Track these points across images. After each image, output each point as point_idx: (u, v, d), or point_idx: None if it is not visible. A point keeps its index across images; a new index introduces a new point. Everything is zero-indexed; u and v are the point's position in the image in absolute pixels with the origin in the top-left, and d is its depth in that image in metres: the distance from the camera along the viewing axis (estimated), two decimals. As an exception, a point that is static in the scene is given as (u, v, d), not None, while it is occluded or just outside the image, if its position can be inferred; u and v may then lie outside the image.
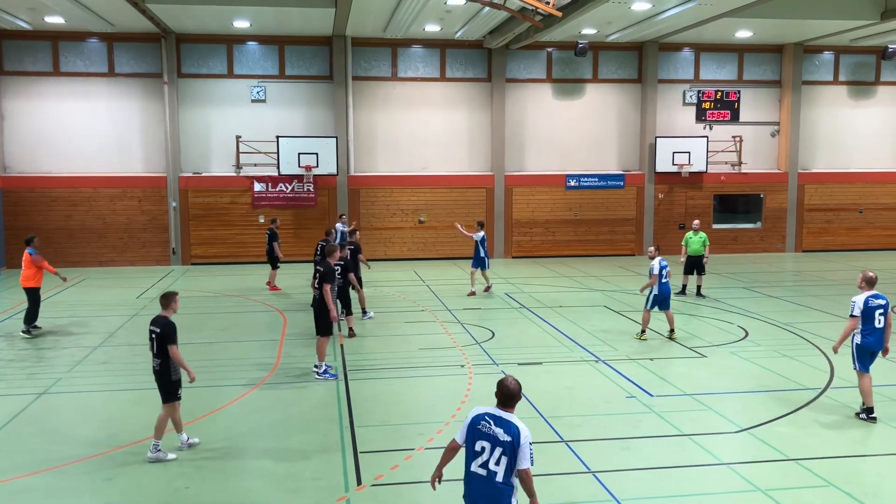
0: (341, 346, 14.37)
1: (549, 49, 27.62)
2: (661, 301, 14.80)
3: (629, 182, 28.31)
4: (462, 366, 13.00)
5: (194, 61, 26.03)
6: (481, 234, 19.90)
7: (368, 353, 13.91)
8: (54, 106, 25.43)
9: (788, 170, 28.99)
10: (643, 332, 14.86)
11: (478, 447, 5.84)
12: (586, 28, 24.78)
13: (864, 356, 10.09)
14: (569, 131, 28.12)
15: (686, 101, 28.61)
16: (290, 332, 15.77)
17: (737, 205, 29.37)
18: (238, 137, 26.08)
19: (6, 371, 12.96)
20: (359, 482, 8.28)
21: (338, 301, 14.16)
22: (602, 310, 17.93)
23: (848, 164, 29.67)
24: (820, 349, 13.93)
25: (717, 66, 28.72)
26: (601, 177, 28.09)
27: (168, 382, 9.06)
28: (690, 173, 28.04)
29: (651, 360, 13.30)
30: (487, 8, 20.56)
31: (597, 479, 8.34)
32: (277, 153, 25.57)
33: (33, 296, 15.54)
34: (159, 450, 8.91)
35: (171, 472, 8.61)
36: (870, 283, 10.18)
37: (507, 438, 5.74)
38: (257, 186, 26.24)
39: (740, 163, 28.83)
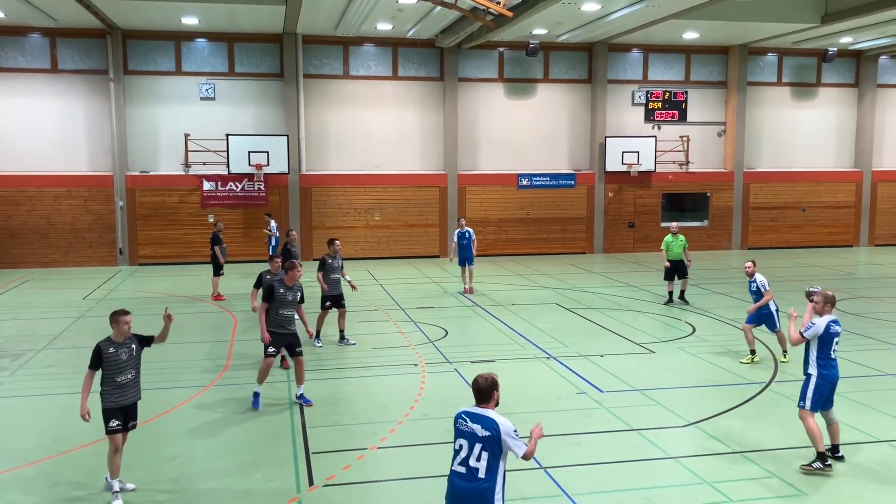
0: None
1: (501, 49, 27.77)
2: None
3: (580, 181, 28.62)
4: (415, 364, 13.01)
5: (141, 58, 25.54)
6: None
7: (321, 354, 13.82)
8: (-6, 103, 24.74)
9: (734, 169, 29.62)
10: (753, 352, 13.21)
11: (457, 445, 5.80)
12: (537, 28, 24.99)
13: (823, 392, 8.57)
14: (521, 131, 28.31)
15: (635, 102, 29.03)
16: (240, 332, 15.59)
17: (684, 203, 29.90)
18: (187, 136, 25.68)
19: (-56, 376, 12.56)
20: (311, 483, 8.23)
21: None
22: (554, 307, 18.10)
23: (791, 163, 30.44)
24: (765, 344, 14.25)
25: (665, 67, 29.19)
26: (552, 176, 28.34)
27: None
28: (639, 172, 28.46)
29: (601, 356, 13.47)
30: (439, 7, 20.59)
31: (548, 474, 8.42)
32: (227, 152, 25.25)
33: None
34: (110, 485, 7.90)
35: (119, 476, 8.43)
36: (833, 304, 8.68)
37: (486, 433, 5.66)
38: (206, 185, 25.87)
39: (688, 162, 29.36)
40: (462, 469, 5.69)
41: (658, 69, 29.17)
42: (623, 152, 28.11)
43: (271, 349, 10.74)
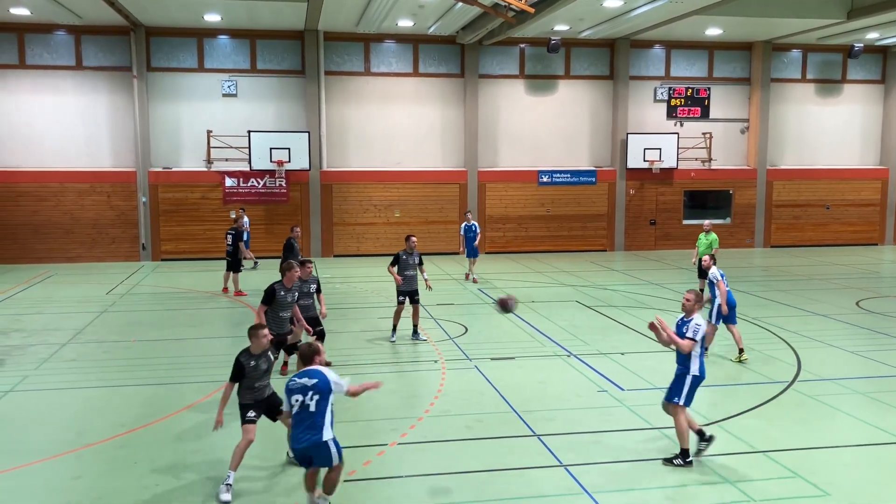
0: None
1: (522, 45, 27.69)
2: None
3: (601, 178, 28.48)
4: (435, 361, 13.02)
5: (164, 55, 25.73)
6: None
7: (341, 349, 13.86)
8: (20, 99, 25.01)
9: (757, 166, 29.35)
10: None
11: (293, 401, 7.16)
12: (559, 24, 24.88)
13: (697, 387, 8.82)
14: (541, 127, 28.23)
15: (657, 98, 28.84)
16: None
17: (707, 201, 29.68)
18: (209, 132, 25.84)
19: (-29, 369, 12.74)
20: (331, 478, 8.25)
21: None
22: (574, 305, 18.04)
23: (815, 160, 30.11)
24: (788, 343, 14.13)
25: (687, 64, 28.98)
26: (573, 173, 28.23)
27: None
28: (661, 169, 28.28)
29: (622, 354, 13.41)
30: (461, 4, 20.56)
31: (568, 472, 8.39)
32: (249, 148, 25.38)
33: None
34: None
35: (140, 470, 8.52)
36: (703, 303, 9.11)
37: (314, 380, 7.16)
38: (228, 181, 26.03)
39: (710, 159, 29.13)
40: (301, 410, 7.16)
41: (681, 65, 28.96)
42: (645, 149, 27.94)
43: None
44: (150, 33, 25.42)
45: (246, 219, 23.68)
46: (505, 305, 11.18)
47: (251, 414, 8.26)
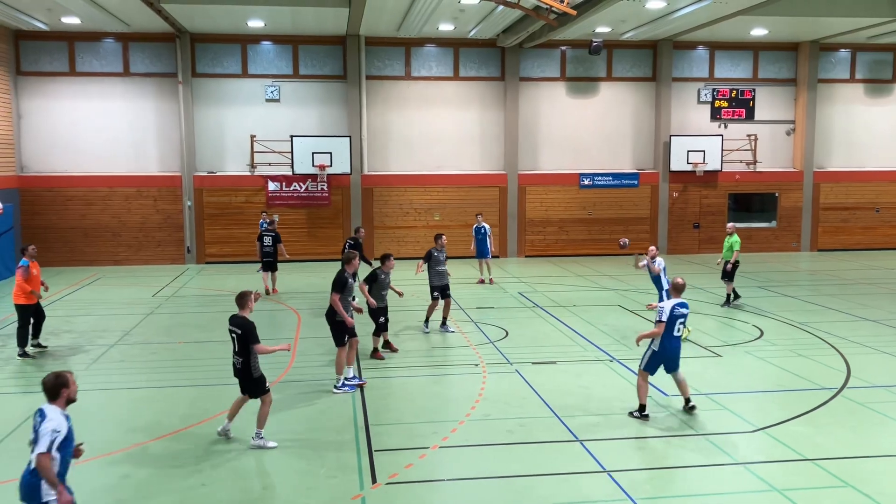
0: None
1: (563, 47, 27.57)
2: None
3: (643, 181, 28.22)
4: (476, 365, 13.00)
5: (209, 61, 26.15)
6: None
7: (382, 352, 13.91)
8: (70, 106, 25.62)
9: (804, 168, 28.81)
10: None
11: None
12: (600, 26, 24.71)
13: (658, 361, 10.18)
14: (583, 130, 28.06)
15: (701, 100, 28.48)
16: (304, 332, 15.82)
17: (752, 204, 29.21)
18: (252, 137, 26.18)
19: (24, 369, 13.08)
20: (374, 480, 8.30)
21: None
22: (616, 309, 17.88)
23: (864, 162, 29.45)
24: (836, 349, 13.84)
25: (731, 65, 28.57)
26: (615, 175, 28.01)
27: (251, 380, 9.26)
28: (705, 172, 27.92)
29: (666, 359, 13.23)
30: (501, 7, 20.53)
31: (612, 478, 8.32)
32: (291, 152, 25.66)
33: (22, 313, 13.82)
34: (262, 437, 9.24)
35: (186, 470, 8.66)
36: (679, 290, 10.24)
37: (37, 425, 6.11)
38: (271, 186, 26.33)
39: (755, 161, 28.68)
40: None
41: (725, 67, 28.57)
42: (688, 151, 27.61)
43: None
44: (195, 40, 25.85)
45: (263, 221, 24.01)
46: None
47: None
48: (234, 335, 9.26)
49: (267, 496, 8.06)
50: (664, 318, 9.95)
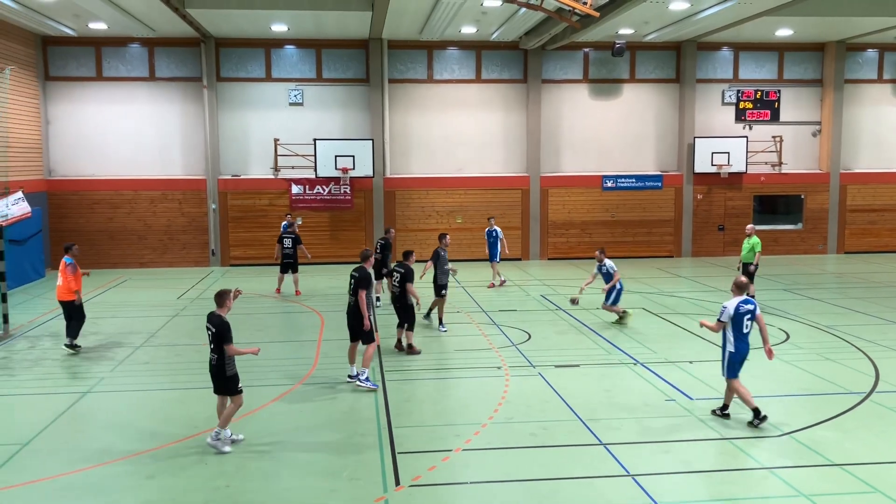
0: (378, 345, 14.39)
1: (586, 49, 27.47)
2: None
3: (667, 183, 28.03)
4: (499, 367, 12.98)
5: (233, 65, 26.35)
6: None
7: (405, 356, 13.93)
8: (97, 110, 25.93)
9: (830, 170, 28.47)
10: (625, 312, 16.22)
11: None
12: (623, 28, 24.60)
13: (736, 362, 10.08)
14: (606, 132, 27.94)
15: (725, 101, 28.25)
16: (327, 332, 15.88)
17: (777, 206, 28.92)
18: (276, 140, 26.35)
19: (52, 370, 13.23)
20: (397, 483, 8.31)
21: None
22: (640, 312, 17.76)
23: (892, 163, 29.05)
24: (864, 353, 13.65)
25: (756, 66, 28.32)
26: (639, 177, 27.85)
27: (224, 378, 9.35)
28: (730, 174, 27.68)
29: (690, 362, 13.15)
30: (524, 9, 20.51)
31: (636, 482, 8.26)
32: (315, 155, 25.79)
33: (68, 308, 14.46)
34: (219, 438, 9.25)
35: (211, 471, 8.72)
36: (740, 288, 10.19)
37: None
38: (295, 189, 26.47)
39: (780, 163, 28.39)
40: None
41: (749, 68, 28.32)
42: (713, 153, 27.39)
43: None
44: (219, 44, 26.07)
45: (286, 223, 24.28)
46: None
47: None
48: (209, 333, 9.36)
49: (290, 497, 8.09)
50: (724, 318, 9.93)
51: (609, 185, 27.75)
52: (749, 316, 9.99)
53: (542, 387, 11.81)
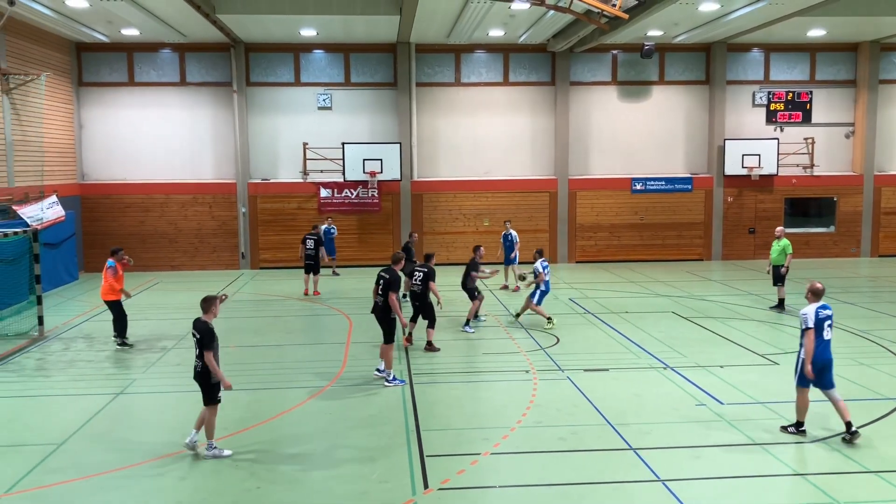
0: (406, 350, 14.44)
1: (614, 51, 27.33)
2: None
3: (697, 185, 27.79)
4: (527, 371, 12.94)
5: (262, 70, 26.59)
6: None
7: (433, 358, 13.95)
8: (129, 115, 26.30)
9: (864, 172, 28.04)
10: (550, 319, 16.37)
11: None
12: (652, 30, 24.44)
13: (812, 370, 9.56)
14: (634, 134, 27.77)
15: (756, 103, 27.95)
16: (355, 335, 15.94)
17: (809, 208, 28.54)
18: (305, 144, 26.53)
19: (85, 372, 13.43)
20: (425, 486, 8.31)
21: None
22: (670, 316, 17.62)
23: (928, 165, 28.56)
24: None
25: (788, 67, 27.98)
26: (668, 180, 27.64)
27: (208, 385, 9.30)
28: (761, 176, 27.37)
29: (720, 367, 13.01)
30: (552, 12, 20.47)
31: (666, 487, 8.20)
32: (343, 159, 25.93)
33: (113, 308, 15.27)
34: (215, 447, 9.25)
35: (241, 473, 8.79)
36: (815, 293, 9.77)
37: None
38: (323, 192, 26.63)
39: (813, 165, 28.02)
40: None
41: (780, 69, 27.99)
42: (743, 155, 27.11)
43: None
44: (249, 49, 26.32)
45: (331, 227, 24.57)
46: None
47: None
48: (195, 338, 9.31)
49: (320, 500, 8.13)
50: (811, 324, 9.47)
51: (638, 187, 27.57)
52: (829, 322, 9.61)
53: (571, 391, 11.76)
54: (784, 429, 9.82)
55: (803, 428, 9.73)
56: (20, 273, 17.49)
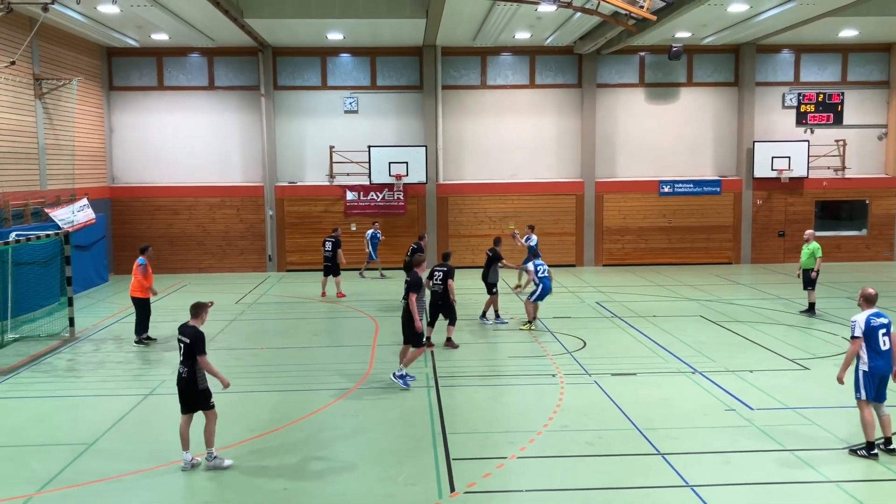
0: (432, 353, 14.43)
1: (642, 53, 27.16)
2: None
3: (726, 188, 27.50)
4: (553, 375, 12.87)
5: (290, 74, 26.77)
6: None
7: (458, 361, 13.93)
8: (158, 119, 26.61)
9: (897, 174, 27.62)
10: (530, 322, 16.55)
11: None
12: (680, 31, 24.23)
13: (873, 382, 8.99)
14: (662, 136, 27.56)
15: (786, 104, 27.62)
16: (381, 338, 15.96)
17: (840, 211, 28.13)
18: (331, 147, 26.66)
19: (115, 373, 13.58)
20: (451, 489, 8.29)
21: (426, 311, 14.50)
22: (698, 319, 17.45)
23: (963, 167, 28.03)
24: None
25: (818, 68, 27.62)
26: (696, 182, 27.38)
27: (195, 391, 9.02)
28: (790, 179, 27.03)
29: (750, 371, 12.85)
30: (579, 14, 20.38)
31: (695, 493, 8.10)
32: (369, 162, 26.01)
33: (140, 305, 15.70)
34: (216, 457, 9.02)
35: (269, 473, 8.83)
36: (867, 300, 9.25)
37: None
38: (349, 195, 26.74)
39: (844, 167, 27.62)
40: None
41: (811, 70, 27.64)
42: (773, 157, 26.78)
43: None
44: (276, 53, 26.51)
45: (377, 231, 24.80)
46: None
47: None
48: (182, 344, 9.07)
49: (347, 501, 8.15)
50: (858, 333, 8.98)
51: (666, 190, 27.35)
52: (884, 330, 8.99)
53: (597, 395, 11.68)
54: (853, 451, 9.11)
55: (874, 451, 8.96)
56: (52, 275, 17.74)
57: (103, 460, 9.34)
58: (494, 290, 17.11)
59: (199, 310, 9.31)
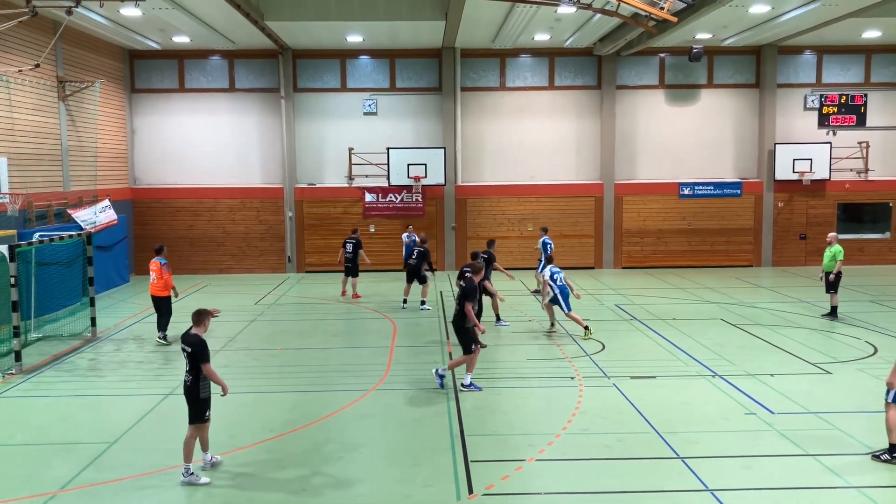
0: (450, 353, 14.43)
1: (662, 55, 27.03)
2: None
3: (746, 190, 27.30)
4: (572, 378, 12.83)
5: (309, 76, 26.89)
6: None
7: (477, 364, 13.89)
8: (179, 121, 26.82)
9: (922, 176, 27.28)
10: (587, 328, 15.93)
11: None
12: (700, 32, 24.09)
13: None
14: (682, 138, 27.40)
15: (807, 106, 27.37)
16: (400, 339, 15.99)
17: (863, 214, 27.82)
18: (350, 149, 26.75)
19: (136, 372, 13.70)
20: (470, 491, 8.29)
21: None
22: (718, 323, 17.33)
23: None
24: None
25: (841, 69, 27.35)
26: (717, 185, 27.20)
27: (197, 400, 8.88)
28: (812, 181, 26.79)
29: (771, 375, 12.74)
30: (598, 15, 20.31)
31: (715, 497, 8.04)
32: (388, 164, 26.07)
33: (160, 304, 15.86)
34: (191, 473, 8.69)
35: (287, 474, 8.87)
36: None
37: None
38: (368, 197, 26.81)
39: (867, 170, 27.33)
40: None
41: (833, 71, 27.38)
42: (794, 159, 26.56)
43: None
44: (296, 56, 26.65)
45: (414, 236, 24.39)
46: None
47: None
48: (185, 353, 8.89)
49: (364, 502, 8.16)
50: None
51: (686, 192, 27.19)
52: None
53: (617, 398, 11.63)
54: (876, 457, 9.01)
55: None
56: (74, 275, 17.91)
57: (125, 459, 9.42)
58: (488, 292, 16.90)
59: (201, 317, 9.12)
